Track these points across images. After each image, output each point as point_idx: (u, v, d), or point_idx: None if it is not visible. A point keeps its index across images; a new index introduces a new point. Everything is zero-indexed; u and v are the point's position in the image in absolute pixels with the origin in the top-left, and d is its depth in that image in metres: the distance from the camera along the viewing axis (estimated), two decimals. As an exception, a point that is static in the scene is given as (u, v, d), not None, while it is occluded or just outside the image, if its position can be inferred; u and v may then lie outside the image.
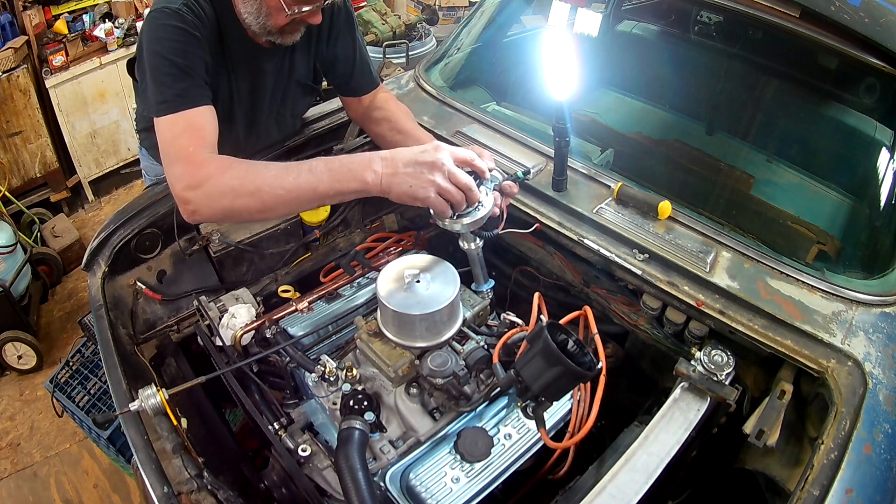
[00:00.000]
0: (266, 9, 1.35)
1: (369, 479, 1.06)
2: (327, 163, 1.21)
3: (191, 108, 1.27)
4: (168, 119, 1.26)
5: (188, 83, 1.28)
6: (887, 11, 1.47)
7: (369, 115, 1.69)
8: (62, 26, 3.66)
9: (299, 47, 1.56)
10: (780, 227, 1.94)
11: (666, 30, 2.44)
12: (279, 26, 1.38)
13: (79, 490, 2.55)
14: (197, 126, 1.27)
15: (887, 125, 1.79)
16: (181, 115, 1.26)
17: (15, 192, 3.57)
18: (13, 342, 2.96)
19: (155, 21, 1.30)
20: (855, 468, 1.02)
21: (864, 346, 1.18)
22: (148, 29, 1.32)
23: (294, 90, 1.65)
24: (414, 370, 1.25)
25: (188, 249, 1.64)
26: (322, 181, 1.18)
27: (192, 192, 1.21)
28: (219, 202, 1.21)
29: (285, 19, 1.36)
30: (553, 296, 1.64)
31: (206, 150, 1.25)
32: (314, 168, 1.19)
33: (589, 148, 1.87)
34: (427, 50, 4.13)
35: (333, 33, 1.60)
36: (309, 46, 1.59)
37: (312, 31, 1.54)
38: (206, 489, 1.14)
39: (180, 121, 1.26)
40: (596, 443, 1.34)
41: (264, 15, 1.36)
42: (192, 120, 1.27)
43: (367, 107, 1.69)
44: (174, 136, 1.26)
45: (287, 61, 1.57)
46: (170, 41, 1.28)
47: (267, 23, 1.37)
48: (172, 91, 1.27)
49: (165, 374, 1.52)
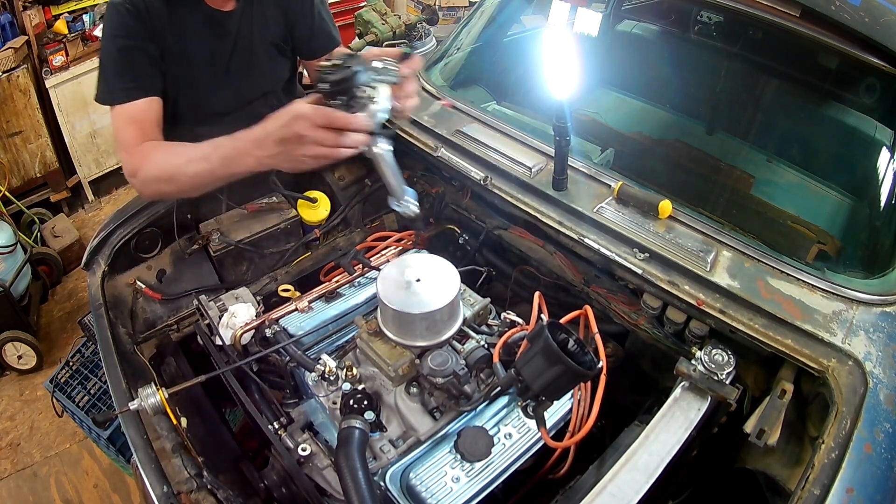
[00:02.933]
0: None
1: (369, 478, 1.06)
2: (216, 149, 1.26)
3: (131, 101, 1.40)
4: (113, 111, 1.42)
5: (128, 78, 1.41)
6: (887, 11, 1.47)
7: None
8: (62, 26, 3.66)
9: (267, 3, 1.56)
10: (781, 227, 1.94)
11: (666, 29, 2.44)
12: None
13: (79, 490, 2.55)
14: (136, 118, 1.41)
15: (887, 125, 1.79)
16: (122, 108, 1.41)
17: (15, 192, 3.57)
18: (13, 342, 2.96)
19: (105, 17, 1.44)
20: (855, 467, 1.02)
21: (865, 345, 1.18)
22: (103, 25, 1.45)
23: (267, 51, 1.63)
24: (414, 369, 1.25)
25: (188, 249, 1.64)
26: (215, 167, 1.26)
27: (133, 179, 1.39)
28: (151, 187, 1.39)
29: None
30: (553, 295, 1.64)
31: (144, 140, 1.38)
32: (209, 156, 1.26)
33: (589, 147, 1.87)
34: (427, 50, 4.13)
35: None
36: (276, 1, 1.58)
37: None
38: (205, 489, 1.14)
39: (122, 112, 1.42)
40: (596, 442, 1.34)
41: None
42: (130, 112, 1.41)
43: None
44: (119, 128, 1.42)
45: (256, 20, 1.56)
46: (114, 38, 1.40)
47: None
48: (114, 85, 1.43)
49: (165, 373, 1.52)
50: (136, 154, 1.37)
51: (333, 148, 1.12)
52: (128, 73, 1.41)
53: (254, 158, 1.20)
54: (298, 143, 1.12)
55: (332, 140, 1.12)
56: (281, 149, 1.15)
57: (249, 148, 1.20)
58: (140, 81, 1.42)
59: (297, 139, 1.12)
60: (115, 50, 1.41)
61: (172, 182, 1.34)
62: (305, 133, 1.11)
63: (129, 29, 1.39)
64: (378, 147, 1.19)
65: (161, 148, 1.38)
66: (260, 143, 1.18)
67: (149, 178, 1.36)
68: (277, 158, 1.17)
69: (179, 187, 1.36)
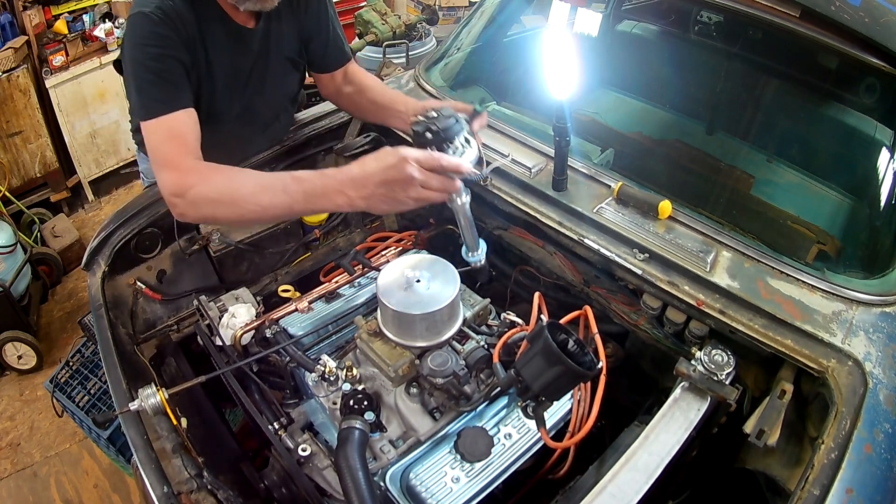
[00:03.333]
0: None
1: (369, 478, 1.06)
2: (301, 183, 1.21)
3: (170, 113, 1.32)
4: (151, 124, 1.32)
5: (166, 88, 1.33)
6: (887, 11, 1.47)
7: (341, 90, 1.70)
8: (62, 26, 3.66)
9: (284, 20, 1.56)
10: (781, 227, 1.94)
11: (666, 30, 2.43)
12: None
13: (79, 490, 2.55)
14: (178, 132, 1.32)
15: (887, 125, 1.79)
16: (161, 121, 1.31)
17: (15, 192, 3.57)
18: (13, 342, 2.96)
19: (131, 27, 1.34)
20: (855, 468, 1.02)
21: (865, 345, 1.18)
22: (127, 34, 1.36)
23: (282, 66, 1.63)
24: (414, 370, 1.25)
25: (188, 249, 1.64)
26: (297, 202, 1.22)
27: (178, 199, 1.28)
28: (201, 210, 1.30)
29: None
30: (553, 295, 1.64)
31: (190, 156, 1.30)
32: (289, 188, 1.21)
33: (589, 148, 1.86)
34: (427, 50, 4.13)
35: (310, 4, 1.60)
36: (293, 17, 1.58)
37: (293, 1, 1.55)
38: (205, 489, 1.14)
39: (161, 126, 1.32)
40: (596, 443, 1.34)
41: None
42: (172, 125, 1.32)
43: (340, 82, 1.71)
44: (158, 142, 1.32)
45: (273, 37, 1.56)
46: (146, 46, 1.32)
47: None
48: (151, 97, 1.32)
49: (165, 373, 1.52)
50: (189, 172, 1.27)
51: (437, 191, 1.16)
52: (165, 84, 1.33)
53: (346, 198, 1.18)
54: (405, 186, 1.14)
55: (438, 183, 1.15)
56: (383, 190, 1.15)
57: (343, 187, 1.18)
58: (178, 92, 1.35)
59: (406, 181, 1.13)
60: (148, 59, 1.32)
61: (234, 207, 1.25)
62: (415, 175, 1.13)
63: (163, 38, 1.32)
64: (462, 198, 1.25)
65: (223, 170, 1.29)
66: (358, 183, 1.16)
67: (202, 199, 1.26)
68: (374, 199, 1.17)
69: (240, 214, 1.27)
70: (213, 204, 1.27)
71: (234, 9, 1.43)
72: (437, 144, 1.19)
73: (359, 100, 1.70)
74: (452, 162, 1.16)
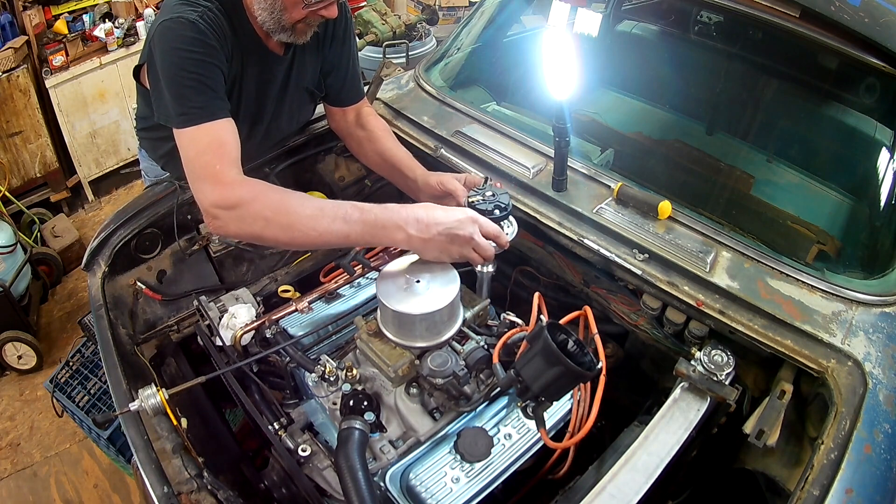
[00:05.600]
0: (281, 3, 1.33)
1: (369, 479, 1.06)
2: (362, 213, 1.23)
3: (212, 121, 1.27)
4: (190, 132, 1.26)
5: (209, 95, 1.28)
6: (887, 11, 1.47)
7: (352, 131, 1.69)
8: (62, 26, 3.66)
9: (308, 51, 1.56)
10: (780, 227, 1.94)
11: (666, 30, 2.44)
12: (294, 21, 1.36)
13: (79, 490, 2.55)
14: (220, 140, 1.27)
15: (887, 125, 1.79)
16: (202, 129, 1.26)
17: (15, 192, 3.57)
18: (13, 342, 2.96)
19: (171, 31, 1.26)
20: (855, 468, 1.02)
21: (864, 346, 1.18)
22: (164, 39, 1.28)
23: (300, 96, 1.64)
24: (414, 370, 1.25)
25: (188, 249, 1.64)
26: (354, 231, 1.23)
27: (222, 212, 1.22)
28: (250, 227, 1.23)
29: (301, 12, 1.34)
30: (553, 296, 1.64)
31: (233, 168, 1.26)
32: (349, 216, 1.22)
33: (589, 148, 1.87)
34: (427, 50, 4.13)
35: (335, 40, 1.60)
36: (317, 51, 1.59)
37: (320, 35, 1.55)
38: (206, 489, 1.14)
39: (203, 134, 1.26)
40: (596, 443, 1.34)
41: (279, 10, 1.34)
42: (214, 133, 1.27)
43: (351, 121, 1.69)
44: (199, 152, 1.26)
45: (296, 67, 1.56)
46: (188, 52, 1.26)
47: (282, 18, 1.35)
48: (193, 103, 1.26)
49: (165, 374, 1.52)
50: (236, 185, 1.23)
51: (482, 256, 1.27)
52: (208, 91, 1.27)
53: (405, 235, 1.22)
54: (463, 243, 1.24)
55: (487, 249, 1.27)
56: (443, 239, 1.22)
57: (406, 224, 1.21)
58: (221, 101, 1.30)
59: (466, 240, 1.23)
60: (191, 65, 1.26)
61: (287, 230, 1.22)
62: (475, 237, 1.24)
63: (207, 46, 1.27)
64: (491, 267, 1.37)
65: (278, 190, 1.26)
66: (422, 225, 1.21)
67: (254, 216, 1.21)
68: (431, 244, 1.23)
69: (291, 237, 1.23)
70: (264, 222, 1.21)
71: (268, 35, 1.42)
72: (498, 220, 1.33)
73: (367, 148, 1.66)
74: (505, 238, 1.30)
